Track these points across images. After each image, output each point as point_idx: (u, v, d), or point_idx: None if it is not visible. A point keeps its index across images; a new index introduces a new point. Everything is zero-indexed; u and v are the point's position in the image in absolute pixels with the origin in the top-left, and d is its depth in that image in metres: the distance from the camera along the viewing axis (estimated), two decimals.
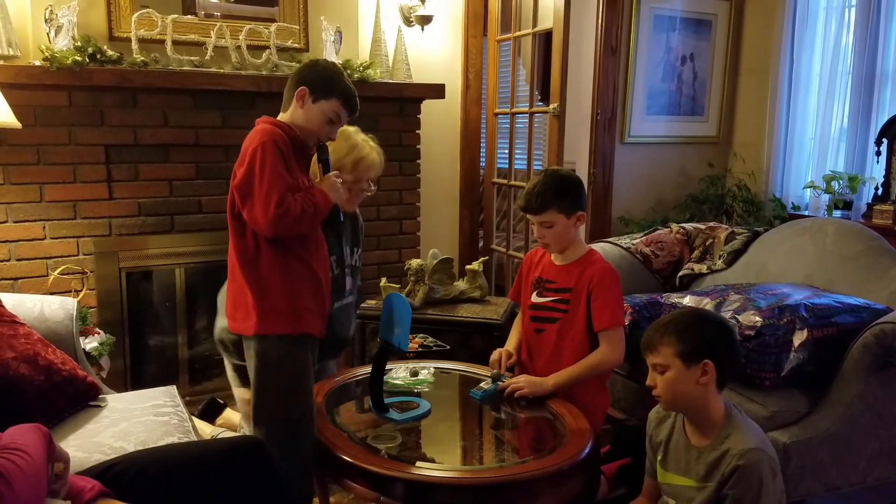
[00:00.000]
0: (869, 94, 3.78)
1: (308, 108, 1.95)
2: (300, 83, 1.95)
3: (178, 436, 2.06)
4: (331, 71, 2.00)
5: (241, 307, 1.98)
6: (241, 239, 1.94)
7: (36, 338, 2.14)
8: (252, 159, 1.84)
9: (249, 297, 1.94)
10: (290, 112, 1.98)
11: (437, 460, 1.91)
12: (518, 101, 4.23)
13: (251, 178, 1.84)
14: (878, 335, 2.17)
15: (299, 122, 1.96)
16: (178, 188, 3.14)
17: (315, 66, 2.02)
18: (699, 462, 1.79)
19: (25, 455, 1.23)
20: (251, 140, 1.89)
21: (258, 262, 1.93)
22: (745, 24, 4.38)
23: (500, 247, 4.42)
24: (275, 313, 1.94)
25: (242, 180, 1.86)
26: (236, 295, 2.00)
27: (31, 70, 2.74)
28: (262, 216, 1.82)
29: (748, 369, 2.24)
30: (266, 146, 1.84)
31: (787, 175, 4.18)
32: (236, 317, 2.01)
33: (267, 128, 1.90)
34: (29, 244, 2.90)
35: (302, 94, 1.94)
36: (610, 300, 2.20)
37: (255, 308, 1.94)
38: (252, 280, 1.94)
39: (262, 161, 1.83)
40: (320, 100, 1.94)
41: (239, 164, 1.89)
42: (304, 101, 1.94)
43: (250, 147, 1.87)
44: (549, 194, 2.19)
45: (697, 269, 3.16)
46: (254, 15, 3.25)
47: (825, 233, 2.79)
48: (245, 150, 1.89)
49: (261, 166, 1.83)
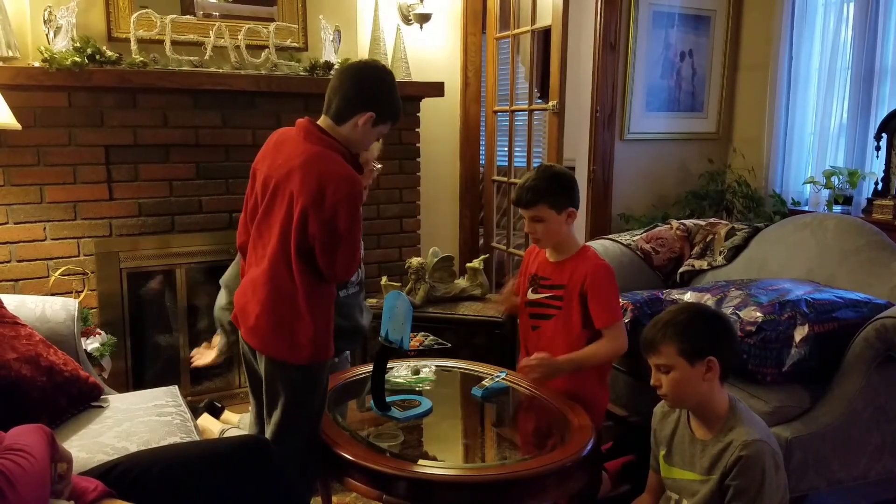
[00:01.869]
0: (868, 89, 3.78)
1: (367, 130, 1.88)
2: (368, 106, 1.85)
3: (180, 435, 2.06)
4: (393, 91, 1.92)
5: (289, 335, 1.88)
6: (311, 276, 1.85)
7: (38, 339, 2.15)
8: (338, 213, 1.76)
9: (309, 328, 1.86)
10: (347, 130, 1.88)
11: (440, 458, 1.92)
12: (517, 99, 4.23)
13: (337, 232, 1.78)
14: (879, 330, 2.17)
15: (354, 142, 1.90)
16: (178, 188, 3.14)
17: (383, 86, 1.90)
18: (703, 455, 1.80)
19: (29, 456, 1.24)
20: (335, 185, 1.77)
21: (322, 295, 1.89)
22: (744, 19, 4.37)
23: (501, 244, 4.42)
24: (324, 341, 1.91)
25: (326, 231, 1.78)
26: (282, 324, 1.88)
27: (30, 71, 2.74)
28: (342, 274, 1.84)
29: (749, 365, 2.24)
30: (352, 202, 1.78)
31: (787, 170, 4.17)
32: (281, 345, 1.90)
33: (349, 174, 1.80)
34: (30, 245, 2.90)
35: (369, 120, 1.86)
36: (606, 298, 2.21)
37: (313, 340, 1.87)
38: (315, 314, 1.87)
39: (350, 220, 1.78)
40: (379, 124, 1.90)
41: (316, 205, 1.77)
42: (366, 125, 1.86)
43: (335, 196, 1.76)
44: (539, 189, 2.21)
45: (698, 266, 3.16)
46: (252, 14, 3.25)
47: (826, 228, 2.79)
48: (323, 192, 1.76)
49: (348, 226, 1.78)
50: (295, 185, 1.79)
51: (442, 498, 1.78)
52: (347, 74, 1.90)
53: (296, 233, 1.81)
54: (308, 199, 1.77)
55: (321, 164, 1.80)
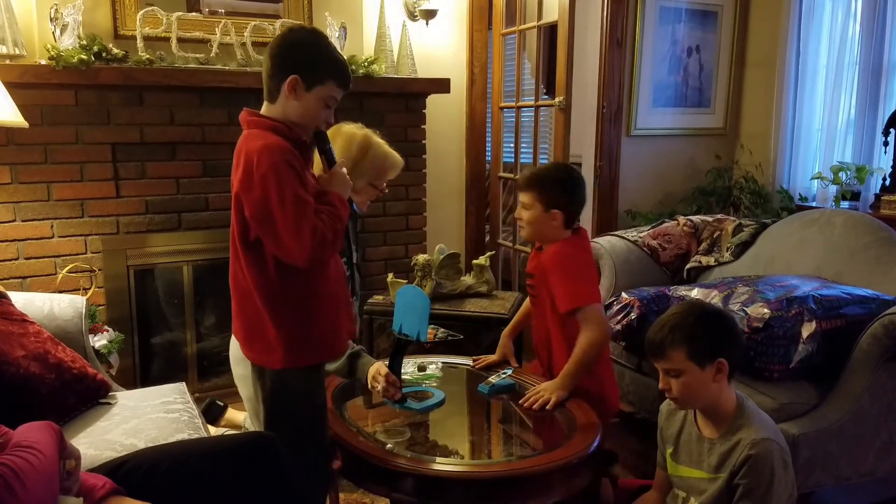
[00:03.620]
0: (876, 85, 3.76)
1: (302, 97, 1.70)
2: (288, 71, 1.69)
3: (188, 432, 2.06)
4: (316, 46, 1.74)
5: (260, 339, 1.77)
6: (262, 270, 1.71)
7: (46, 336, 2.15)
8: (266, 186, 1.60)
9: (273, 330, 1.73)
10: (280, 105, 1.72)
11: (447, 455, 1.92)
12: (523, 95, 4.22)
13: (269, 207, 1.60)
14: (887, 326, 2.16)
15: (295, 115, 1.72)
16: (184, 186, 3.15)
17: (298, 46, 1.73)
18: (711, 453, 1.79)
19: (38, 453, 1.24)
20: (256, 160, 1.62)
21: (286, 292, 1.73)
22: (751, 15, 4.35)
23: (507, 241, 4.41)
24: (306, 345, 1.76)
25: (259, 210, 1.62)
26: (251, 325, 1.78)
27: (37, 69, 2.75)
28: (297, 251, 1.61)
29: (757, 361, 2.23)
30: (278, 169, 1.61)
31: (795, 166, 4.15)
32: (254, 348, 1.80)
33: (270, 142, 1.65)
34: (37, 243, 2.92)
35: (293, 84, 1.69)
36: (562, 281, 2.15)
37: (283, 342, 1.73)
38: (278, 313, 1.73)
39: (280, 188, 1.60)
40: (315, 86, 1.70)
41: (245, 187, 1.64)
42: (296, 91, 1.69)
43: (258, 171, 1.61)
44: (534, 179, 2.20)
45: (705, 262, 3.15)
46: (258, 11, 3.26)
47: (833, 224, 2.78)
48: (250, 171, 1.62)
49: (279, 195, 1.59)
50: (233, 177, 1.71)
51: (449, 495, 1.78)
52: (266, 52, 1.75)
53: (237, 224, 1.72)
54: (239, 185, 1.66)
55: (245, 144, 1.68)
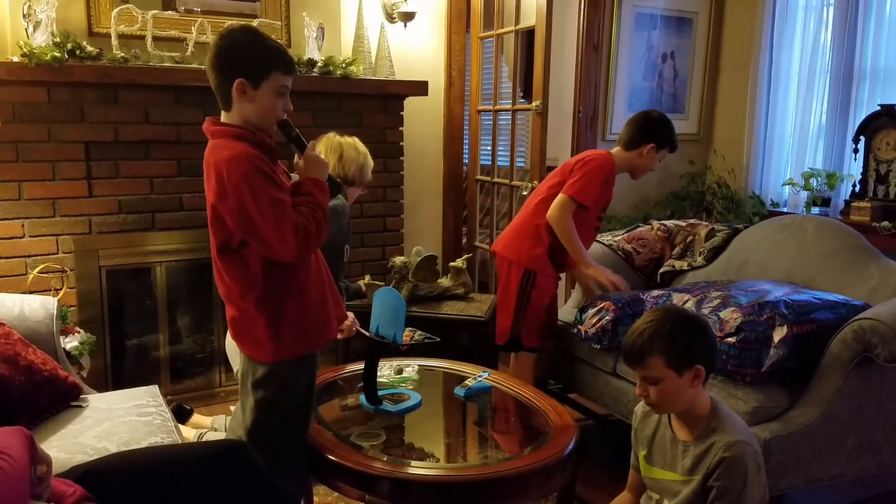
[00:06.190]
0: (847, 92, 3.82)
1: (254, 97, 1.72)
2: (231, 76, 1.70)
3: (161, 436, 2.05)
4: (251, 44, 1.74)
5: (249, 335, 1.83)
6: (245, 270, 1.76)
7: (16, 338, 2.12)
8: (240, 196, 1.64)
9: (263, 328, 1.78)
10: (237, 111, 1.74)
11: (423, 458, 1.92)
12: (501, 98, 4.23)
13: (248, 215, 1.65)
14: (856, 331, 2.20)
15: (253, 116, 1.74)
16: (159, 185, 3.11)
17: (234, 49, 1.72)
18: (685, 456, 1.81)
19: (8, 458, 1.22)
20: (227, 171, 1.65)
21: (272, 291, 1.77)
22: (725, 22, 4.41)
23: (484, 244, 4.42)
24: (297, 337, 1.82)
25: (239, 219, 1.67)
26: (241, 324, 1.84)
27: (9, 66, 2.70)
28: (284, 250, 1.67)
29: (729, 365, 2.26)
30: (249, 177, 1.64)
31: (767, 172, 4.21)
32: (246, 343, 1.86)
33: (236, 152, 1.67)
34: (8, 242, 2.87)
35: (241, 88, 1.70)
36: (577, 175, 2.72)
37: (273, 338, 1.79)
38: (268, 312, 1.78)
39: (254, 195, 1.64)
40: (262, 82, 1.71)
41: (220, 199, 1.68)
42: (245, 93, 1.71)
43: (230, 182, 1.65)
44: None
45: (678, 266, 3.18)
46: (235, 11, 3.24)
47: (805, 230, 2.82)
48: (222, 183, 1.66)
49: (254, 201, 1.64)
50: (206, 189, 1.74)
51: (424, 498, 1.78)
52: (206, 65, 1.76)
53: (217, 233, 1.75)
54: (215, 197, 1.70)
55: (213, 155, 1.71)
